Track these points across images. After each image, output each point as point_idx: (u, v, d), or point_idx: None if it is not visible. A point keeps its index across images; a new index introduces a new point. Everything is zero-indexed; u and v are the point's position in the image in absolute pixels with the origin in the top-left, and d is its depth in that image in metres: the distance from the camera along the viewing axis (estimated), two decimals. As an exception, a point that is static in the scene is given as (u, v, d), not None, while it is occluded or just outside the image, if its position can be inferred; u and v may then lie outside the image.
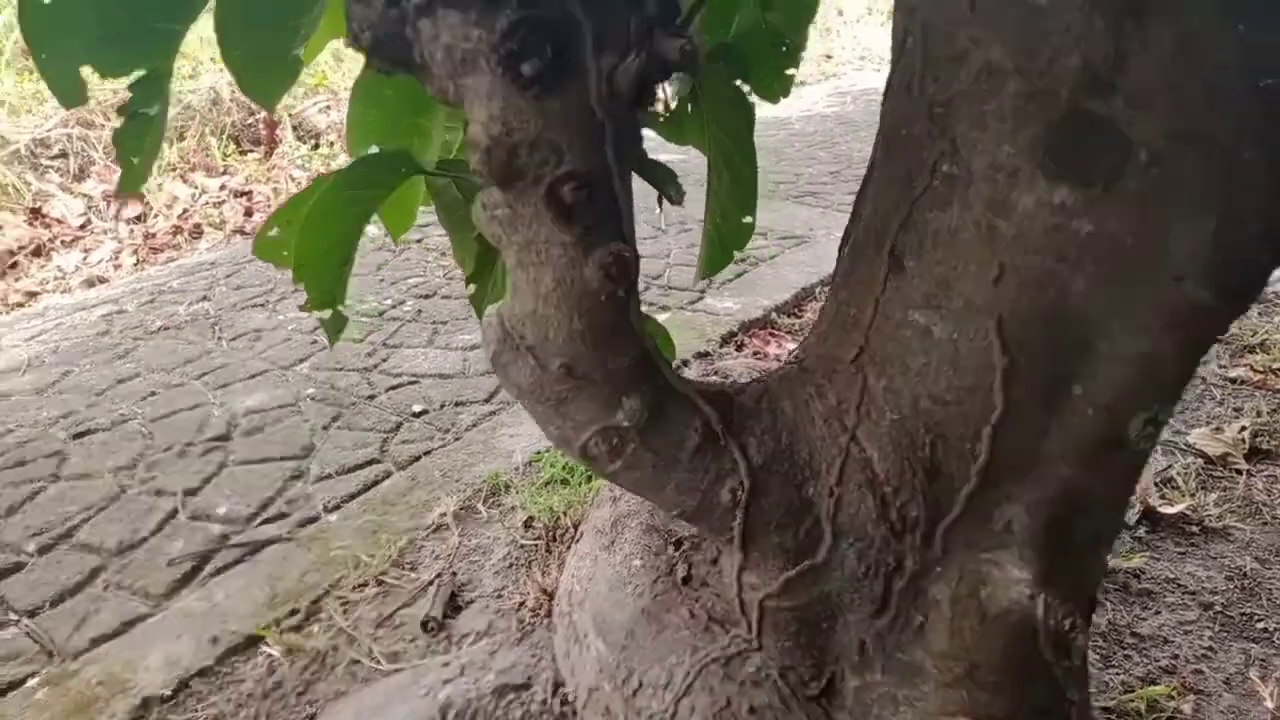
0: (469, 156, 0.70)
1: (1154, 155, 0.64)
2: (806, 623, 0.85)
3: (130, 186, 0.82)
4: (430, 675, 1.16)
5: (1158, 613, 1.26)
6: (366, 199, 0.85)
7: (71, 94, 0.77)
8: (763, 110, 0.98)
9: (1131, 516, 1.46)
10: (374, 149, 0.90)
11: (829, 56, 6.73)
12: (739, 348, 2.24)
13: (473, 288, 0.92)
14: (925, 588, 0.80)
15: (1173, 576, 1.31)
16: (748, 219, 0.99)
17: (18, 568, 1.46)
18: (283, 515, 1.58)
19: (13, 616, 1.35)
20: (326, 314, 0.91)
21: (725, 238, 1.01)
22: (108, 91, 4.51)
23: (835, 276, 0.87)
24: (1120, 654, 1.23)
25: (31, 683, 1.21)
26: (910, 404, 0.77)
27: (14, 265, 3.43)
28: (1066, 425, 0.75)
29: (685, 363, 2.06)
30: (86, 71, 0.78)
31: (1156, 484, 1.51)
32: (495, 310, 0.80)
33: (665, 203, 0.88)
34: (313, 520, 1.56)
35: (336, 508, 1.59)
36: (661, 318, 2.36)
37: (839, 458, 0.80)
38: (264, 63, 0.83)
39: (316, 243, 0.85)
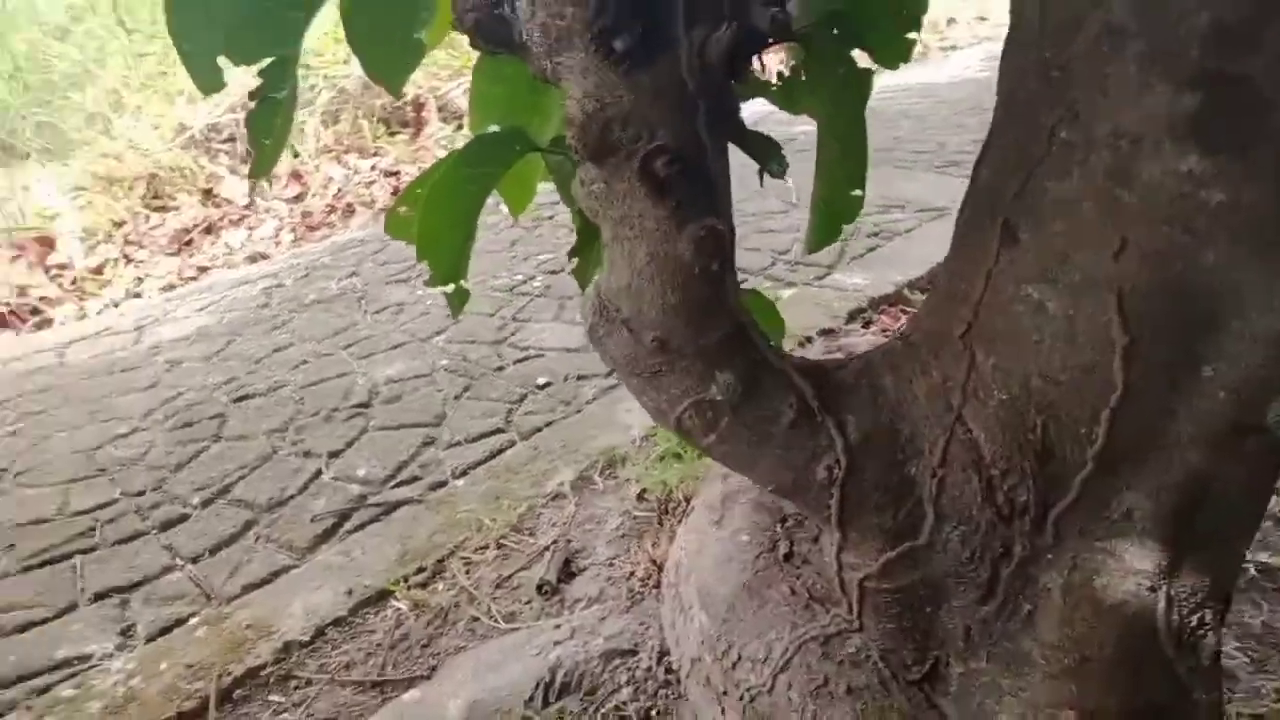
0: (567, 132, 0.72)
1: (1297, 115, 0.58)
2: (909, 606, 0.83)
3: (263, 168, 0.89)
4: (543, 636, 1.21)
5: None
6: (484, 176, 0.88)
7: (210, 81, 0.84)
8: (907, 76, 0.95)
9: (1301, 511, 1.34)
10: (493, 128, 0.93)
11: (983, 19, 6.35)
12: (867, 324, 2.18)
13: (576, 261, 0.94)
14: (1035, 575, 0.77)
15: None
16: (857, 192, 0.96)
17: (183, 519, 1.62)
18: (415, 479, 1.67)
19: (179, 562, 1.50)
20: (450, 288, 0.95)
21: (834, 210, 0.98)
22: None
23: (950, 248, 0.83)
24: (1276, 658, 1.13)
25: (193, 621, 1.34)
26: (1021, 383, 0.73)
27: (189, 242, 3.76)
28: (1194, 409, 0.70)
29: (809, 339, 2.03)
30: (223, 60, 0.85)
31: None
32: (594, 284, 0.81)
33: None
34: (442, 484, 1.64)
35: (464, 473, 1.67)
36: (787, 294, 2.32)
37: (943, 437, 0.77)
38: (387, 46, 0.87)
39: (438, 220, 0.88)
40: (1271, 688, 1.07)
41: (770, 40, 0.72)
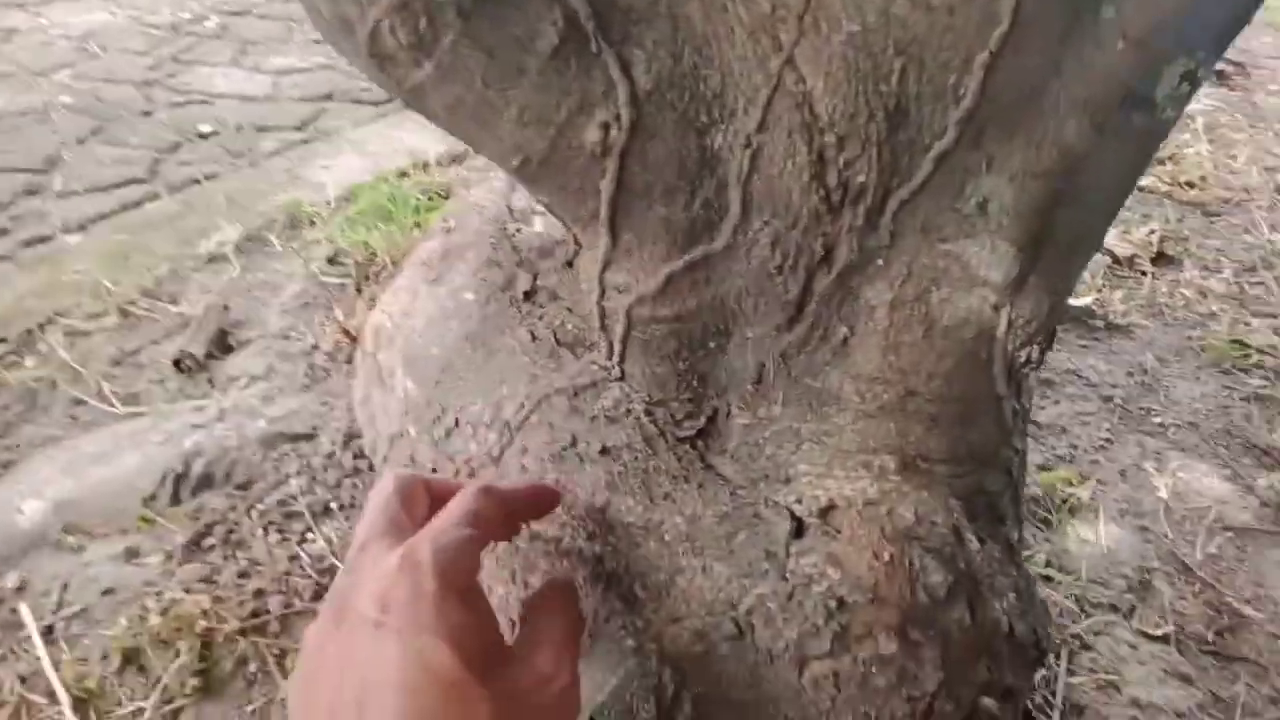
0: None
1: None
2: (688, 340, 0.62)
3: None
4: (176, 420, 0.88)
5: (1056, 402, 1.14)
6: None
7: None
8: None
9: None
10: None
11: None
12: None
13: None
14: (857, 289, 0.58)
15: (1074, 368, 1.20)
16: None
17: None
18: (3, 232, 1.20)
19: None
20: None
21: None
22: None
23: None
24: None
25: None
26: (880, 10, 0.52)
27: None
28: (1085, 63, 0.52)
29: None
30: None
31: (1063, 279, 1.39)
32: None
33: None
34: (44, 240, 1.19)
35: (80, 229, 1.23)
36: None
37: (766, 89, 0.54)
38: None
39: None
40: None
41: None
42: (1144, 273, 1.42)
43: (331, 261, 1.14)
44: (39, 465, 0.83)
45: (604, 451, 0.63)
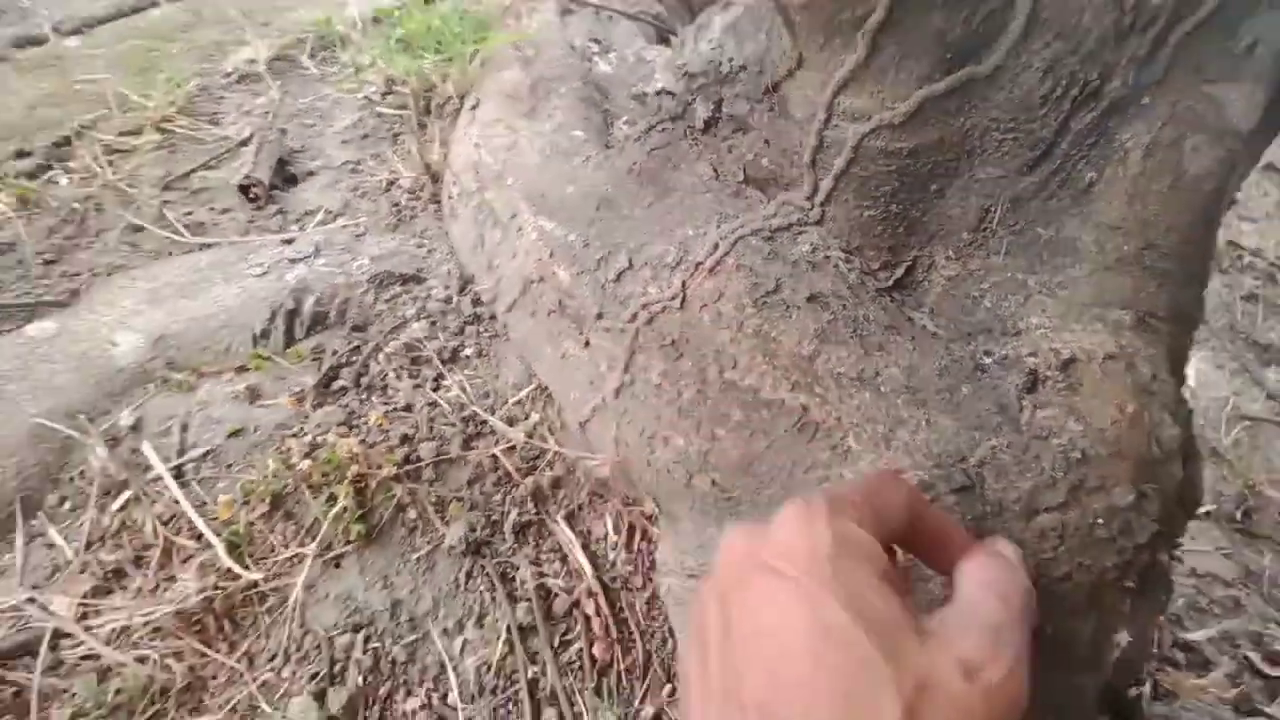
0: None
1: None
2: (910, 181, 0.59)
3: None
4: (266, 252, 0.80)
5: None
6: None
7: None
8: None
9: None
10: None
11: None
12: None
13: None
14: (1114, 130, 0.56)
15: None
16: None
17: None
18: (-18, 31, 1.04)
19: None
20: None
21: None
22: None
23: None
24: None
25: None
26: None
27: None
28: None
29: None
30: None
31: None
32: None
33: None
34: (37, 42, 1.03)
35: (75, 32, 1.06)
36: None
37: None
38: None
39: None
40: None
41: None
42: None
43: (388, 92, 1.03)
44: (115, 295, 0.73)
45: (811, 299, 0.60)
